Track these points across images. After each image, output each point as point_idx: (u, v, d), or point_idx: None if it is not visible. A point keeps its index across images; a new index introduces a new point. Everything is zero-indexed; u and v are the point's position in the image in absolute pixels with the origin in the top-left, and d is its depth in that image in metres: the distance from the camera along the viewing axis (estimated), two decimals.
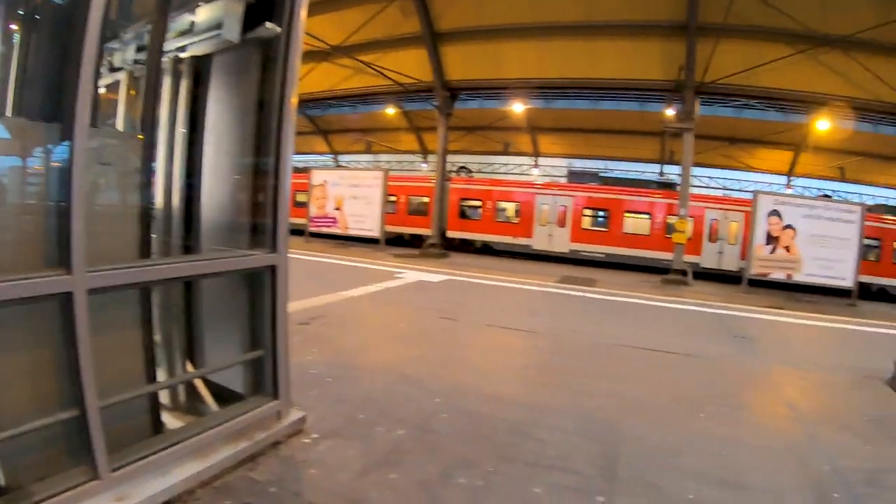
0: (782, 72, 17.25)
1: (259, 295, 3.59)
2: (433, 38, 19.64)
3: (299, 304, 7.70)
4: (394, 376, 5.05)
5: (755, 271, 17.60)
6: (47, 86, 2.75)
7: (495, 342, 6.86)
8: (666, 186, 25.22)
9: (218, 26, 3.29)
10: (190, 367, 3.80)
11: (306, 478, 3.10)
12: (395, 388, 4.76)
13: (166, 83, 3.74)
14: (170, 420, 3.44)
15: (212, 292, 3.76)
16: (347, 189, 22.55)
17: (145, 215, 3.27)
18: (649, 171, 36.56)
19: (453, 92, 21.14)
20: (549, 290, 12.14)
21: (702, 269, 21.30)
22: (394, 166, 40.59)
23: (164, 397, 3.64)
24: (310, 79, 22.45)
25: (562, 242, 23.27)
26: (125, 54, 3.74)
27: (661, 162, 35.56)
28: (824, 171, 32.27)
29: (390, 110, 34.18)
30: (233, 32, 3.28)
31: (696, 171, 28.46)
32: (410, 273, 12.73)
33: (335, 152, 44.12)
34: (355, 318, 7.49)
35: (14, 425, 2.26)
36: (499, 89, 22.92)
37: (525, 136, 35.88)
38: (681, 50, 17.38)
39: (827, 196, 29.06)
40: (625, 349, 6.91)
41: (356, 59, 20.02)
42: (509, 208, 24.55)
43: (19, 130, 2.74)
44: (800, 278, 17.60)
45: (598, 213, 23.52)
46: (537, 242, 23.65)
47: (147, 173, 3.34)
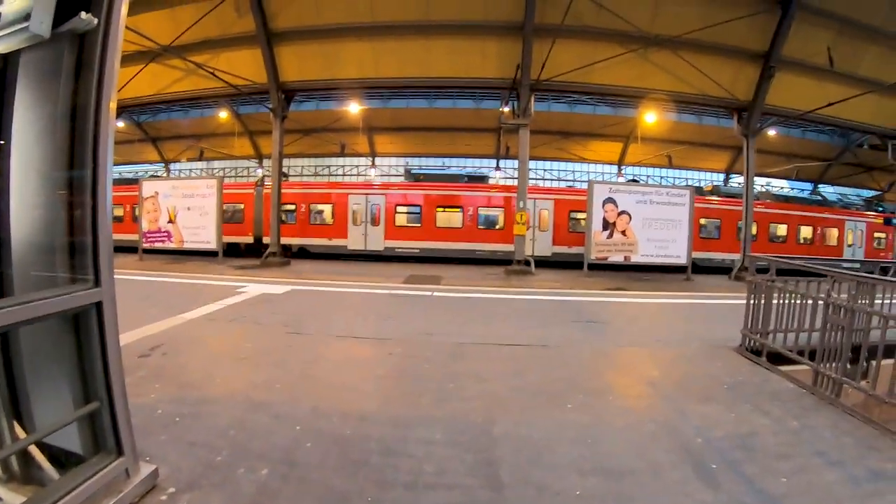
0: (615, 69, 18.26)
1: (86, 338, 3.01)
2: (268, 38, 18.73)
3: (137, 332, 7.14)
4: (247, 406, 4.54)
5: (595, 256, 18.35)
6: None
7: (349, 354, 6.43)
8: (476, 179, 26.01)
9: (25, 18, 2.67)
10: (20, 431, 3.14)
11: None
12: (251, 419, 4.26)
13: None
14: (6, 494, 2.83)
15: (30, 340, 3.12)
16: (180, 200, 21.00)
17: None
18: (486, 165, 37.65)
19: (289, 94, 20.31)
20: (396, 291, 11.81)
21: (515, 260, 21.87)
22: (229, 173, 39.09)
23: None
24: (137, 81, 20.63)
25: (376, 241, 23.29)
26: None
27: (497, 157, 36.70)
28: (653, 159, 34.76)
29: (223, 114, 32.89)
30: (43, 25, 2.66)
31: (532, 164, 29.49)
32: (253, 286, 11.93)
33: (167, 161, 41.60)
34: (198, 343, 6.79)
35: None
36: (335, 89, 22.45)
37: (362, 136, 35.68)
38: (518, 49, 17.77)
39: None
40: (482, 347, 6.75)
41: (187, 60, 18.67)
42: (323, 210, 24.20)
43: None
44: (638, 259, 18.66)
45: (410, 209, 23.70)
46: (352, 243, 23.59)
47: None
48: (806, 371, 5.73)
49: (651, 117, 27.74)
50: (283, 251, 21.29)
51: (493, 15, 17.66)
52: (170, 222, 21.07)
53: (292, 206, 23.99)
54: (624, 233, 18.51)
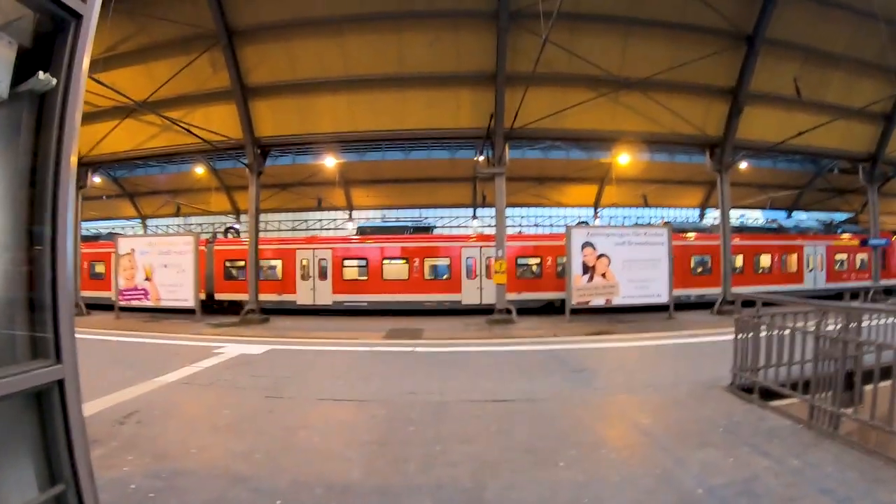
0: (587, 114, 18.41)
1: (49, 418, 2.81)
2: (244, 93, 18.68)
3: (111, 398, 6.96)
4: (226, 479, 4.32)
5: (576, 301, 18.19)
6: None
7: (331, 418, 6.18)
8: (421, 230, 26.02)
9: None
10: None
11: None
12: (229, 495, 4.04)
13: None
14: None
15: None
16: (157, 257, 20.66)
17: None
18: (463, 214, 37.81)
19: (264, 149, 20.18)
20: (376, 348, 11.53)
21: (463, 307, 22.07)
22: (206, 229, 38.82)
23: None
24: (113, 137, 20.70)
25: (325, 295, 22.97)
26: None
27: (474, 206, 36.84)
28: (629, 199, 35.09)
29: (199, 170, 32.85)
30: (1, 85, 2.53)
31: (509, 210, 29.63)
32: (230, 346, 11.60)
33: (143, 216, 41.32)
34: (174, 409, 6.53)
35: None
36: (311, 144, 22.41)
37: (339, 189, 35.72)
38: (491, 98, 17.92)
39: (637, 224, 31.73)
40: (467, 405, 6.56)
41: (162, 116, 18.52)
42: (272, 265, 23.91)
43: None
44: (619, 301, 18.46)
45: (357, 263, 23.55)
46: (301, 297, 23.22)
47: None
48: (800, 404, 5.64)
49: (625, 159, 28.02)
50: (230, 306, 21.17)
51: (466, 66, 17.83)
52: (146, 279, 20.65)
53: (242, 263, 23.49)
54: (604, 275, 18.42)
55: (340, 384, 7.84)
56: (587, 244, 18.35)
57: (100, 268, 25.75)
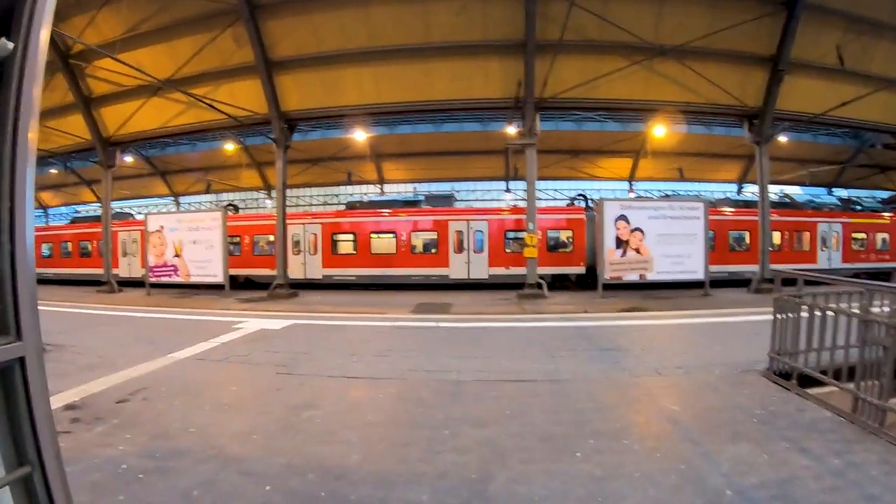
0: (621, 83, 17.82)
1: (11, 397, 2.54)
2: (268, 67, 18.46)
3: (122, 374, 6.85)
4: (219, 461, 4.08)
5: (609, 276, 17.76)
6: None
7: (339, 397, 5.88)
8: (410, 204, 25.61)
9: None
10: None
11: None
12: (220, 478, 3.80)
13: None
14: None
15: None
16: (186, 233, 20.73)
17: None
18: (496, 188, 37.29)
19: (291, 123, 20.01)
20: (401, 323, 11.27)
21: (451, 281, 22.22)
22: (238, 205, 38.98)
23: None
24: (140, 116, 20.88)
25: (315, 269, 23.22)
26: None
27: (506, 179, 36.34)
28: (664, 173, 34.22)
29: (229, 146, 32.88)
30: None
31: (542, 184, 29.08)
32: (252, 321, 11.44)
33: (175, 194, 41.76)
34: (182, 386, 6.33)
35: None
36: (338, 117, 22.19)
37: (370, 163, 35.48)
38: (519, 67, 17.41)
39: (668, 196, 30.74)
40: (484, 385, 6.21)
41: (187, 93, 18.45)
42: (264, 241, 24.21)
43: None
44: (653, 277, 17.99)
45: (346, 237, 23.69)
46: (292, 272, 23.12)
47: None
48: (842, 394, 5.18)
49: (660, 131, 27.34)
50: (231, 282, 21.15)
51: (494, 34, 17.31)
52: (176, 256, 20.77)
53: (237, 238, 24.13)
54: (638, 250, 17.91)
55: (355, 361, 7.57)
56: (621, 217, 17.84)
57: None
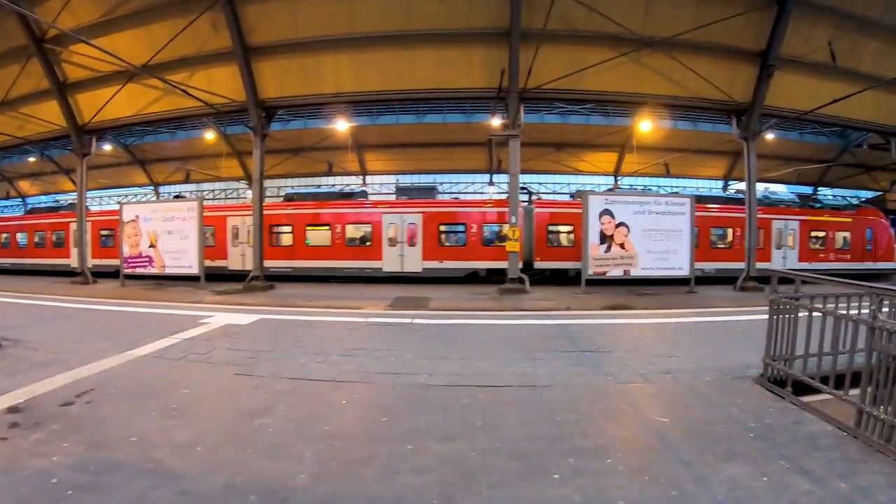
0: (607, 74, 17.50)
1: None
2: (246, 53, 17.90)
3: (73, 374, 6.36)
4: (155, 477, 3.61)
5: (592, 271, 17.41)
6: None
7: (295, 403, 5.35)
8: (345, 196, 25.62)
9: None
10: None
11: None
12: (152, 497, 3.33)
13: None
14: None
15: None
16: (161, 223, 20.15)
17: None
18: (479, 181, 37.03)
19: (269, 111, 19.45)
20: (375, 319, 10.75)
21: (384, 274, 22.40)
22: (218, 195, 38.48)
23: None
24: (116, 103, 20.22)
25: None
26: None
27: (490, 171, 36.09)
28: (649, 168, 33.97)
29: (209, 135, 32.44)
30: None
31: (526, 177, 28.78)
32: (219, 316, 10.90)
33: (155, 183, 41.09)
34: (132, 387, 5.82)
35: None
36: (318, 105, 21.83)
37: (352, 154, 35.08)
38: (503, 57, 17.00)
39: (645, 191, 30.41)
40: (455, 391, 5.72)
41: (163, 80, 17.91)
42: (206, 232, 23.66)
43: None
44: (637, 273, 17.67)
45: (283, 229, 23.76)
46: (232, 263, 23.97)
47: None
48: (839, 402, 4.83)
49: (646, 125, 27.16)
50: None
51: (477, 21, 16.88)
52: (151, 246, 20.17)
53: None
54: (622, 245, 17.56)
55: (319, 361, 7.05)
56: (605, 212, 17.47)
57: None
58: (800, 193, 33.21)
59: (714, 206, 23.70)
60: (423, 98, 20.76)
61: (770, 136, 26.41)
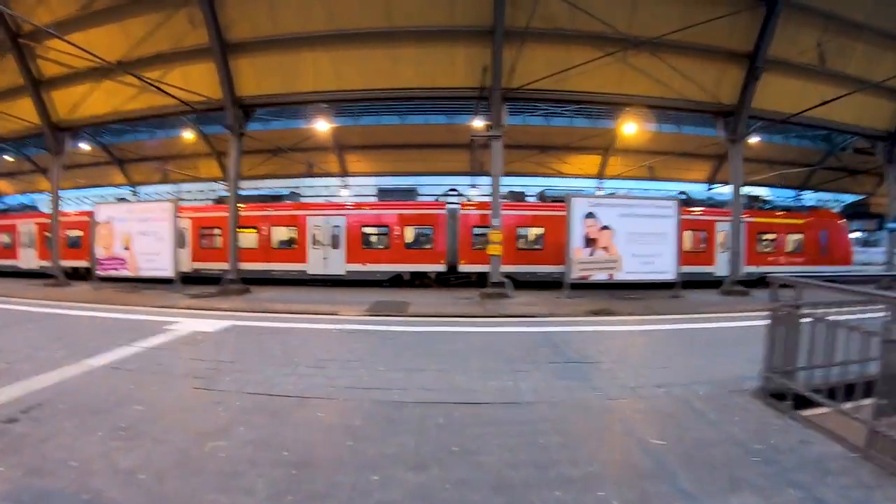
0: (592, 75, 17.13)
1: None
2: (223, 49, 17.35)
3: (21, 386, 5.93)
4: None
5: (576, 275, 16.98)
6: None
7: (255, 423, 4.88)
8: (273, 199, 25.31)
9: None
10: None
11: None
12: None
13: None
14: None
15: None
16: (135, 224, 19.53)
17: None
18: (461, 183, 36.62)
19: (246, 109, 18.87)
20: (349, 326, 10.22)
21: (309, 276, 22.03)
22: (197, 195, 37.83)
23: None
24: (91, 100, 19.75)
25: (184, 263, 22.51)
26: None
27: (472, 174, 35.78)
28: (633, 171, 33.81)
29: (188, 134, 31.91)
30: None
31: (508, 179, 28.43)
32: (187, 322, 10.36)
33: (134, 184, 40.33)
34: (82, 402, 5.33)
35: None
36: (297, 104, 21.34)
37: (332, 155, 34.64)
38: (486, 56, 16.60)
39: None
40: (432, 409, 5.25)
41: (138, 77, 17.38)
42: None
43: None
44: (622, 277, 17.27)
45: (213, 231, 23.54)
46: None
47: None
48: (839, 416, 4.48)
49: (630, 128, 26.93)
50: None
51: (460, 19, 16.46)
52: (125, 248, 19.56)
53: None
54: (606, 249, 17.18)
55: (286, 373, 6.56)
56: (590, 215, 17.05)
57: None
58: (747, 194, 32.69)
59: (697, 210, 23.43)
60: (405, 97, 20.30)
61: (755, 139, 26.22)
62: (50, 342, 8.39)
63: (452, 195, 24.94)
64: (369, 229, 22.22)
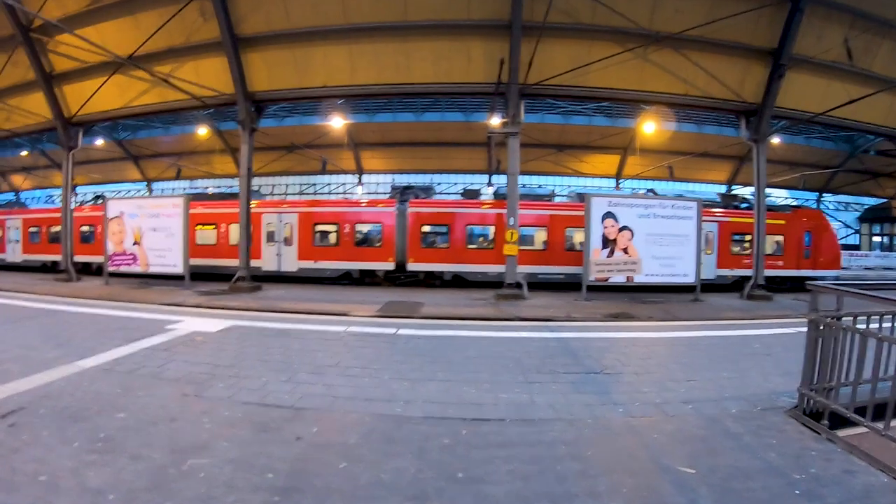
0: (612, 71, 16.70)
1: None
2: (235, 43, 17.07)
3: (8, 388, 5.61)
4: None
5: (594, 276, 16.51)
6: None
7: (242, 438, 4.44)
8: (231, 196, 25.18)
9: None
10: None
11: None
12: None
13: None
14: None
15: None
16: (146, 220, 19.30)
17: None
18: (478, 181, 36.26)
19: (258, 104, 18.61)
20: (357, 328, 9.77)
21: (263, 273, 21.75)
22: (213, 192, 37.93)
23: None
24: (102, 95, 19.36)
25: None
26: None
27: (489, 172, 35.43)
28: (652, 171, 33.29)
29: (202, 131, 31.80)
30: None
31: (526, 178, 28.06)
32: (189, 321, 10.02)
33: (148, 179, 40.44)
34: (65, 408, 4.96)
35: None
36: (309, 99, 21.04)
37: (348, 152, 34.37)
38: (503, 50, 16.19)
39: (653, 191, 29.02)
40: (437, 425, 4.78)
41: (149, 71, 17.34)
42: (90, 230, 25.35)
43: None
44: (642, 280, 16.80)
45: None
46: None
47: None
48: (886, 442, 4.02)
49: (650, 127, 26.41)
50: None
51: (477, 13, 16.05)
52: (135, 244, 19.33)
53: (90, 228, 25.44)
54: (626, 250, 16.69)
55: (284, 380, 6.15)
56: (608, 215, 16.57)
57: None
58: (722, 193, 31.63)
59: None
60: (420, 93, 19.96)
61: (776, 140, 25.59)
62: (45, 341, 8.10)
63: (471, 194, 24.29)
64: (321, 227, 22.26)
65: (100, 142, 33.70)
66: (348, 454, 4.10)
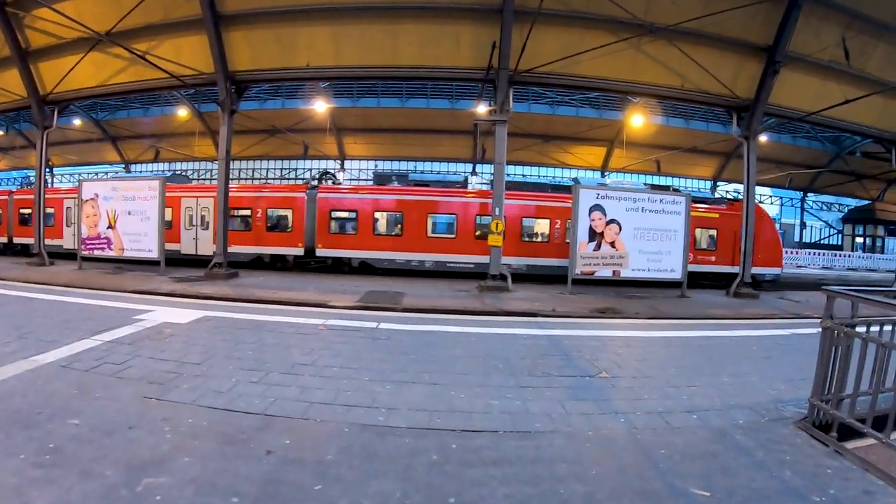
0: (604, 61, 16.35)
1: None
2: (215, 21, 16.44)
3: None
4: None
5: (580, 270, 16.26)
6: None
7: (204, 452, 3.93)
8: (180, 179, 26.18)
9: None
10: None
11: None
12: None
13: None
14: None
15: None
16: (121, 203, 18.65)
17: None
18: (462, 170, 35.91)
19: (239, 84, 17.99)
20: (335, 321, 9.31)
21: (181, 256, 22.18)
22: (192, 175, 37.22)
23: None
24: (78, 73, 18.71)
25: (70, 242, 23.66)
26: None
27: (474, 161, 35.11)
28: (638, 165, 33.10)
29: (182, 112, 31.14)
30: None
31: (511, 168, 27.78)
32: (159, 311, 9.53)
33: (127, 161, 39.58)
34: (15, 412, 4.47)
35: None
36: (292, 80, 20.54)
37: (330, 137, 33.83)
38: (493, 36, 15.75)
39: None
40: (423, 438, 4.34)
41: (127, 49, 16.69)
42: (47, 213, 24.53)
43: None
44: (628, 274, 16.57)
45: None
46: (66, 243, 24.31)
47: None
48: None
49: (638, 120, 26.15)
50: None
51: None
52: (109, 228, 18.68)
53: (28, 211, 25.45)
54: (613, 244, 16.40)
55: (254, 381, 5.70)
56: (596, 207, 16.26)
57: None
58: (650, 183, 30.97)
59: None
60: (407, 76, 19.62)
61: (763, 138, 25.39)
62: (6, 333, 7.56)
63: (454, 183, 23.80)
64: (236, 211, 22.04)
65: (77, 122, 32.95)
66: (324, 473, 3.63)
